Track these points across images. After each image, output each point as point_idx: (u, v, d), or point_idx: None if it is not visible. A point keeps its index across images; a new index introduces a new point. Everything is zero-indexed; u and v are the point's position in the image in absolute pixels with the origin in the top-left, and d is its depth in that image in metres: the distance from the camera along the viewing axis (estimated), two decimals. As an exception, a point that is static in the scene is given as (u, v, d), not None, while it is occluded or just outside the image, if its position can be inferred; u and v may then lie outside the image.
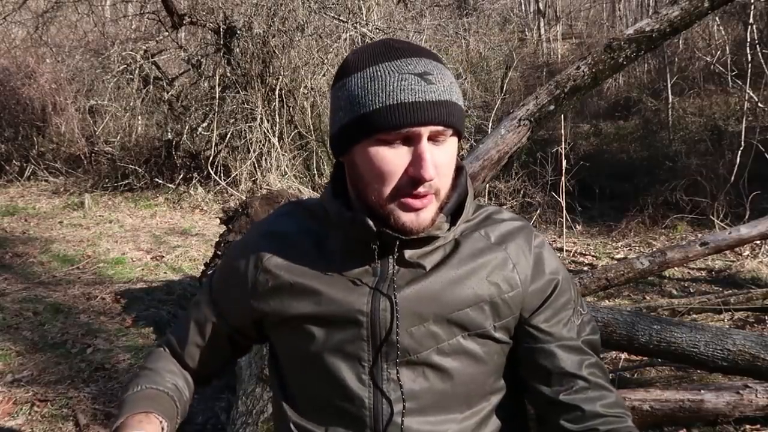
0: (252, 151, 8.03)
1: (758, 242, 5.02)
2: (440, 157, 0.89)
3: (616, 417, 0.95)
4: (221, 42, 8.23)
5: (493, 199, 7.57)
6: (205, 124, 8.35)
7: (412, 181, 0.87)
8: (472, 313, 0.94)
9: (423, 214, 0.90)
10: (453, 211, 0.97)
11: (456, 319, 0.93)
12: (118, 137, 8.99)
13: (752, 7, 7.69)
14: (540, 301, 0.97)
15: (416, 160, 0.86)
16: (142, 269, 5.35)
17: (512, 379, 1.01)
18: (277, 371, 1.05)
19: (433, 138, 0.88)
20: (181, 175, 8.45)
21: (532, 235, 1.00)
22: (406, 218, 0.89)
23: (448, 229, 0.95)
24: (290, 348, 1.00)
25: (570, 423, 0.95)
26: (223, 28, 8.12)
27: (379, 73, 0.86)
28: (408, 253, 0.94)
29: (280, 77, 8.15)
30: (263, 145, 8.07)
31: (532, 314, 0.97)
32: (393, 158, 0.87)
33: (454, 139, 0.92)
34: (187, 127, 8.49)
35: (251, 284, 1.00)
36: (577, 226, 6.89)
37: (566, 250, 6.00)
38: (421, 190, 0.87)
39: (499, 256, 0.96)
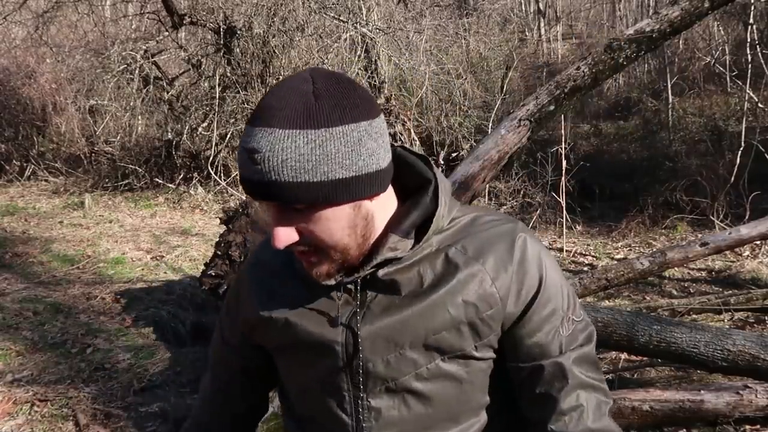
0: (252, 151, 8.02)
1: (758, 243, 5.03)
2: (305, 226, 0.85)
3: None
4: (221, 42, 8.23)
5: (493, 199, 7.58)
6: (205, 124, 8.35)
7: None
8: (448, 336, 0.91)
9: (316, 267, 0.89)
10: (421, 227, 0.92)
11: (433, 343, 0.91)
12: (118, 137, 8.99)
13: (752, 7, 7.69)
14: (521, 312, 0.92)
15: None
16: (142, 269, 5.35)
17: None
18: (282, 392, 1.09)
19: (289, 208, 0.84)
20: (181, 175, 8.45)
21: (516, 239, 0.93)
22: (308, 269, 0.90)
23: (412, 248, 0.90)
24: (283, 375, 1.05)
25: None
26: (223, 28, 8.12)
27: (243, 134, 0.85)
28: (380, 273, 0.91)
29: (281, 77, 8.15)
30: (263, 145, 8.07)
31: (513, 326, 0.93)
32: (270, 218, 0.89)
33: (327, 209, 0.83)
34: (187, 127, 8.49)
35: (241, 317, 1.04)
36: (577, 227, 6.89)
37: (566, 251, 6.00)
38: (295, 248, 0.87)
39: (476, 272, 0.90)
